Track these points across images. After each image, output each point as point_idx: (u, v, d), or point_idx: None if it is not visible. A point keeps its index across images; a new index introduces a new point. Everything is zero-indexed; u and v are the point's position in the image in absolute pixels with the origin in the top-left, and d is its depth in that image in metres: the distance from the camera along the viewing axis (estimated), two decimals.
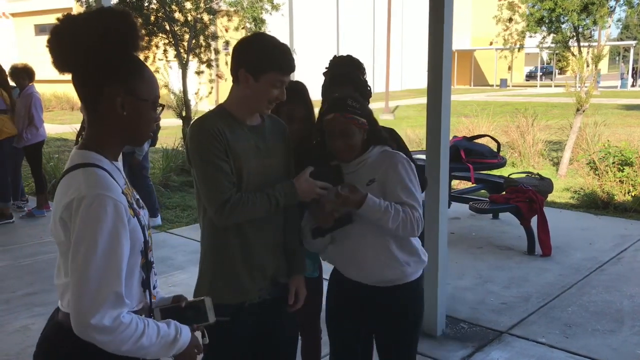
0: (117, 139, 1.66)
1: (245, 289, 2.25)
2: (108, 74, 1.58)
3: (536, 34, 10.17)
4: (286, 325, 2.43)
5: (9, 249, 6.06)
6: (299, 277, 2.41)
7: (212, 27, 10.67)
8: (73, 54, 1.57)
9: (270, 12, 11.14)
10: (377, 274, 2.41)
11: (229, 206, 2.10)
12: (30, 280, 5.14)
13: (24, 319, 4.32)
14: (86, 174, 1.54)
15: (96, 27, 1.55)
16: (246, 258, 2.23)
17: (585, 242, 6.05)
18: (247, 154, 2.18)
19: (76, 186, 1.52)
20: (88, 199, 1.48)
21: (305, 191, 2.23)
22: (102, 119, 1.62)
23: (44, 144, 7.52)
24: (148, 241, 1.67)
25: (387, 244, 2.38)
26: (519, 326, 4.13)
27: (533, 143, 10.85)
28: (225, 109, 2.22)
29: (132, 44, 1.60)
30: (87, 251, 1.46)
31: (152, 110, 1.66)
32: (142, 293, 1.68)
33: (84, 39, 1.55)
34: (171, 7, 10.03)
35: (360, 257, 2.40)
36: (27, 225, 6.94)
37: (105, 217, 1.48)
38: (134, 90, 1.61)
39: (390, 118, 21.56)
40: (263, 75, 2.13)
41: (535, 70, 49.68)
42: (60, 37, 1.57)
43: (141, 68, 1.65)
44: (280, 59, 2.16)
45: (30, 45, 32.16)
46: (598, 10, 8.94)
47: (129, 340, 1.50)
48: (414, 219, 2.29)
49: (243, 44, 2.20)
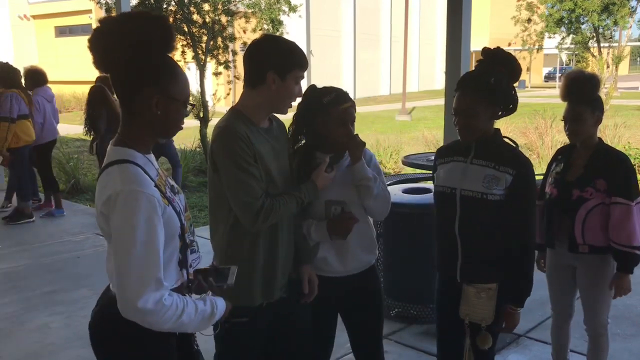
0: (149, 135, 1.77)
1: (269, 289, 2.27)
2: (146, 75, 1.68)
3: (555, 35, 10.09)
4: (301, 322, 2.44)
5: (29, 247, 6.14)
6: (309, 266, 2.44)
7: (229, 29, 10.74)
8: (112, 55, 1.67)
9: (288, 13, 11.17)
10: (362, 259, 2.56)
11: (264, 212, 2.13)
12: (50, 278, 5.21)
13: (44, 317, 4.38)
14: (121, 170, 1.66)
15: (135, 30, 1.66)
16: (274, 259, 2.25)
17: None
18: (269, 156, 2.21)
19: (112, 182, 1.65)
20: (123, 194, 1.61)
21: (324, 185, 2.37)
22: (135, 117, 1.72)
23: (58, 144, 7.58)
24: (184, 224, 1.79)
25: (367, 228, 2.57)
26: (537, 329, 4.09)
27: (552, 145, 10.74)
28: (241, 112, 2.23)
29: (168, 46, 1.72)
30: (126, 243, 1.60)
31: (183, 108, 1.76)
32: (179, 272, 1.80)
33: (123, 41, 1.65)
34: (189, 9, 10.12)
35: (350, 245, 2.50)
36: (47, 225, 7.02)
37: (139, 210, 1.60)
38: (169, 91, 1.71)
39: (407, 119, 21.50)
40: (289, 74, 2.19)
41: (554, 72, 49.20)
42: (100, 39, 1.67)
43: (175, 69, 1.75)
44: (299, 56, 2.24)
45: (51, 46, 32.59)
46: (619, 11, 8.86)
47: (170, 319, 1.65)
48: (388, 193, 2.53)
49: (263, 47, 2.23)
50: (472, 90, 2.37)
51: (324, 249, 2.49)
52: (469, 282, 2.46)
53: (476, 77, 2.43)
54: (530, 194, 2.42)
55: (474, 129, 2.39)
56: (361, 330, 2.68)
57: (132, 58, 1.66)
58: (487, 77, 2.37)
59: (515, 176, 2.35)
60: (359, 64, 34.16)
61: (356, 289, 2.57)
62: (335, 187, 2.44)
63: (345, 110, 2.43)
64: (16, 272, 5.41)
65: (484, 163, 2.39)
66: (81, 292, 4.76)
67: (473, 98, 2.35)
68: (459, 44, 3.72)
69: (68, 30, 31.55)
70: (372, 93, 34.06)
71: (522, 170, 2.37)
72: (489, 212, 2.37)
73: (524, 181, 2.37)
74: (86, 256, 5.82)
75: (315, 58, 31.27)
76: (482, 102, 2.35)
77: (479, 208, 2.38)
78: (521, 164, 2.38)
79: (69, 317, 4.32)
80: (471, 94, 2.36)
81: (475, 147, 2.43)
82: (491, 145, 2.43)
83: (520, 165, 2.37)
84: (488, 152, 2.41)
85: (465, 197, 2.40)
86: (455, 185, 2.44)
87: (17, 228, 6.86)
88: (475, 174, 2.39)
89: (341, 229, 2.43)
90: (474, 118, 2.36)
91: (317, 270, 2.49)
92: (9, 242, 6.32)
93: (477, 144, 2.43)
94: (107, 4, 10.36)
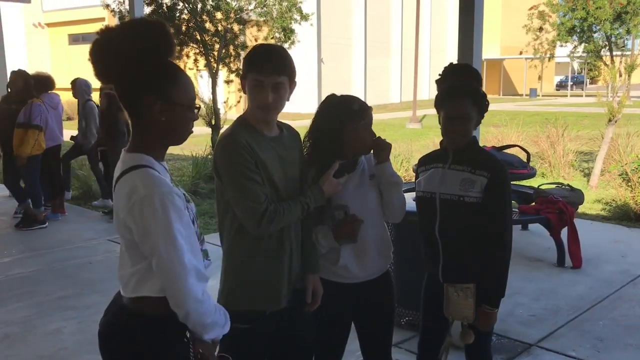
0: (160, 142, 1.77)
1: (273, 297, 2.27)
2: (145, 83, 1.67)
3: (567, 44, 10.04)
4: (304, 330, 2.43)
5: (42, 253, 6.18)
6: (315, 276, 2.43)
7: (241, 37, 10.82)
8: (111, 65, 1.66)
9: (300, 22, 11.22)
10: (380, 264, 2.60)
11: (267, 217, 2.13)
12: (62, 284, 5.25)
13: (57, 322, 4.41)
14: (141, 175, 1.66)
15: (131, 38, 1.64)
16: (277, 266, 2.25)
17: (617, 254, 5.94)
18: (273, 164, 2.21)
19: (135, 188, 1.65)
20: (149, 197, 1.62)
21: (331, 191, 2.36)
22: (144, 125, 1.72)
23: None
24: (197, 231, 1.81)
25: (384, 233, 2.62)
26: (548, 339, 4.06)
27: (563, 153, 10.69)
28: (246, 119, 2.26)
29: (166, 52, 1.69)
30: (166, 242, 1.62)
31: (189, 112, 1.75)
32: None
33: (121, 50, 1.63)
34: (202, 17, 10.20)
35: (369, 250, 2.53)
36: (60, 231, 7.08)
37: (169, 209, 1.62)
38: (170, 97, 1.69)
39: (418, 127, 21.48)
40: (247, 80, 2.18)
41: (565, 80, 49.01)
42: (99, 50, 1.66)
43: (176, 74, 1.73)
44: (257, 60, 2.17)
45: (64, 54, 32.91)
46: (632, 19, 8.80)
47: (211, 312, 1.73)
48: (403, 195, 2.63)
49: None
50: (468, 97, 2.49)
51: (344, 256, 2.50)
52: (450, 282, 2.58)
53: (467, 86, 2.54)
54: (505, 197, 2.54)
55: (468, 134, 2.53)
56: (374, 335, 2.70)
57: (132, 66, 1.65)
58: (476, 87, 2.53)
59: (490, 179, 2.47)
60: (370, 71, 34.20)
61: (372, 294, 2.60)
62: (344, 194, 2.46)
63: (371, 114, 2.53)
64: (29, 277, 5.46)
65: (461, 168, 2.53)
66: (93, 297, 4.78)
67: (469, 105, 2.49)
68: (471, 52, 3.73)
69: (81, 38, 31.82)
70: (382, 101, 34.06)
71: (496, 174, 2.49)
72: (466, 214, 2.51)
73: (499, 184, 2.49)
74: (98, 262, 5.86)
75: (326, 66, 31.36)
76: (475, 109, 2.50)
77: (457, 210, 2.51)
78: (496, 168, 2.51)
79: (81, 322, 4.34)
80: (467, 101, 2.49)
81: (453, 154, 2.57)
82: (468, 151, 2.56)
83: (495, 168, 2.51)
84: (465, 158, 2.54)
85: (444, 201, 2.54)
86: (434, 190, 2.58)
87: (29, 234, 6.92)
88: (452, 178, 2.53)
89: (347, 232, 2.45)
90: (469, 124, 2.51)
91: (339, 277, 2.52)
92: (22, 247, 6.38)
93: (455, 150, 2.56)
94: (121, 12, 10.47)
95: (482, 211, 2.48)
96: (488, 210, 2.48)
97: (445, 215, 2.56)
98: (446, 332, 2.69)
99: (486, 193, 2.47)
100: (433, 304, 2.70)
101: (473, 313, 2.55)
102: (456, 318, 2.60)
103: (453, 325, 2.66)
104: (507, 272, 2.55)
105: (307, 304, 2.40)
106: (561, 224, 5.67)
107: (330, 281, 2.51)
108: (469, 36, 3.74)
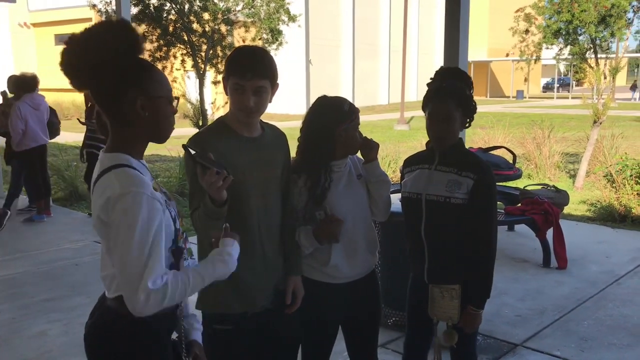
0: (142, 139, 1.77)
1: (252, 298, 2.27)
2: (124, 80, 1.68)
3: (553, 46, 10.13)
4: (287, 331, 2.43)
5: (27, 254, 6.13)
6: (296, 277, 2.44)
7: (229, 38, 10.79)
8: (84, 71, 1.67)
9: (287, 23, 11.21)
10: (368, 261, 2.61)
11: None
12: (48, 286, 5.20)
13: (42, 325, 4.37)
14: (118, 174, 1.66)
15: (100, 41, 1.66)
16: (247, 270, 2.19)
17: (601, 255, 5.99)
18: (250, 166, 2.21)
19: (110, 186, 1.64)
20: (123, 196, 1.61)
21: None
22: (126, 124, 1.72)
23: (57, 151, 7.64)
24: (179, 229, 1.79)
25: (372, 232, 2.63)
26: (533, 339, 4.10)
27: (549, 155, 10.78)
28: (224, 121, 2.27)
29: (135, 49, 1.71)
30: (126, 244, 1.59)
31: (169, 105, 1.76)
32: None
33: (91, 54, 1.65)
34: (189, 18, 10.16)
35: (358, 249, 2.55)
36: (45, 232, 7.02)
37: (140, 210, 1.60)
38: (149, 90, 1.71)
39: (406, 128, 21.55)
40: (228, 83, 2.19)
41: (552, 82, 49.40)
42: (69, 59, 1.68)
43: (150, 68, 1.75)
44: (238, 64, 2.17)
45: (51, 54, 32.63)
46: (616, 22, 8.90)
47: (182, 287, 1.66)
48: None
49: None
50: (452, 99, 2.51)
51: (335, 256, 2.50)
52: (435, 283, 2.60)
53: (451, 87, 2.55)
54: (491, 198, 2.56)
55: (452, 136, 2.54)
56: (361, 334, 2.71)
57: (104, 69, 1.65)
58: (462, 89, 2.54)
59: (476, 181, 2.49)
60: (358, 73, 34.27)
61: (359, 293, 2.60)
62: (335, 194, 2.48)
63: (359, 116, 2.56)
64: (14, 279, 5.41)
65: (447, 169, 2.55)
66: (79, 299, 4.75)
67: (452, 106, 2.50)
68: (457, 54, 3.75)
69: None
70: (370, 102, 34.14)
71: (482, 176, 2.51)
72: (452, 215, 2.52)
73: (485, 186, 2.51)
74: (84, 263, 5.82)
75: (314, 67, 31.37)
76: (459, 110, 2.51)
77: (443, 211, 2.53)
78: (482, 170, 2.53)
79: (67, 324, 4.31)
80: (450, 102, 2.50)
81: (439, 155, 2.58)
82: (455, 153, 2.57)
83: (481, 170, 2.52)
84: (451, 159, 2.56)
85: (430, 202, 2.56)
86: (420, 191, 2.59)
87: (14, 235, 6.86)
88: (439, 179, 2.55)
89: (328, 232, 2.44)
90: (453, 125, 2.52)
91: (328, 278, 2.52)
92: (7, 249, 6.33)
93: (441, 152, 2.58)
94: (107, 12, 10.41)
95: (468, 212, 2.50)
96: (474, 211, 2.49)
97: (431, 216, 2.57)
98: (432, 334, 2.70)
99: (472, 195, 2.48)
100: (418, 308, 2.72)
101: (458, 314, 2.56)
102: (441, 319, 2.62)
103: (438, 326, 2.68)
104: (492, 273, 2.57)
105: (287, 305, 2.40)
106: (547, 224, 5.72)
107: (319, 282, 2.52)
108: (455, 38, 3.76)
